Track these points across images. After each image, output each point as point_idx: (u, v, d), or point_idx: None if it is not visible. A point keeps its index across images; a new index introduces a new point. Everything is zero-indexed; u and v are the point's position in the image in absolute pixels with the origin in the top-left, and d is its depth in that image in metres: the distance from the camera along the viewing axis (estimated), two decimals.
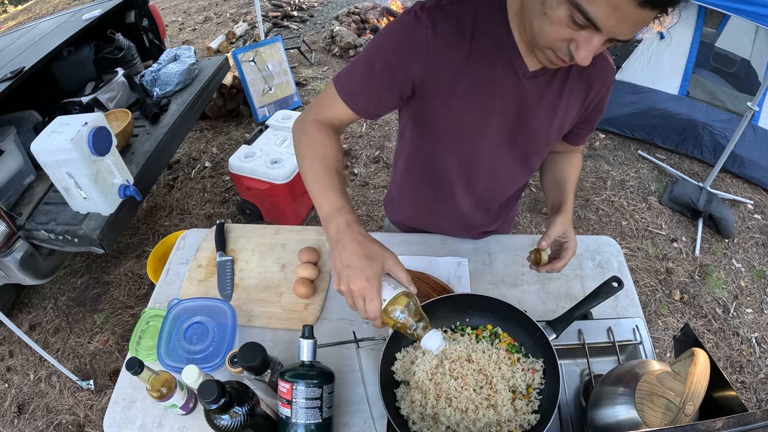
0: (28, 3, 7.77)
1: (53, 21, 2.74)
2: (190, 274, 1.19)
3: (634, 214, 2.87)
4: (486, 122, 0.91)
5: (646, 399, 0.71)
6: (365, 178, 3.14)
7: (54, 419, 2.06)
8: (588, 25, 0.64)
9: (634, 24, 0.62)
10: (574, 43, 0.67)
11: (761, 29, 2.99)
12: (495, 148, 0.97)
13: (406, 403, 0.85)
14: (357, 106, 0.90)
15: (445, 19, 0.81)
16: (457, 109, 0.89)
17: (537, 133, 0.95)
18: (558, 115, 0.92)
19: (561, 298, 1.11)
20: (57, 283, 2.61)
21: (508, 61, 0.83)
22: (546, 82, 0.87)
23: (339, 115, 0.92)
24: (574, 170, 1.10)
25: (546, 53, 0.74)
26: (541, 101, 0.89)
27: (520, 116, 0.91)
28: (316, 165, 0.85)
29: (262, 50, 3.50)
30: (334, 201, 0.79)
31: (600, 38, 0.65)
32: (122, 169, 2.04)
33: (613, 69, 0.93)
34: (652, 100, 3.17)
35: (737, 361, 2.18)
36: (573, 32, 0.66)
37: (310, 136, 0.90)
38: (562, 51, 0.71)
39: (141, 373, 0.80)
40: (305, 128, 0.91)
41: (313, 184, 0.83)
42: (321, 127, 0.90)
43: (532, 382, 0.87)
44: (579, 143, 1.09)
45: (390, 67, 0.84)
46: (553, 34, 0.68)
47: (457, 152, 0.99)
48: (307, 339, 0.80)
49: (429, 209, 1.19)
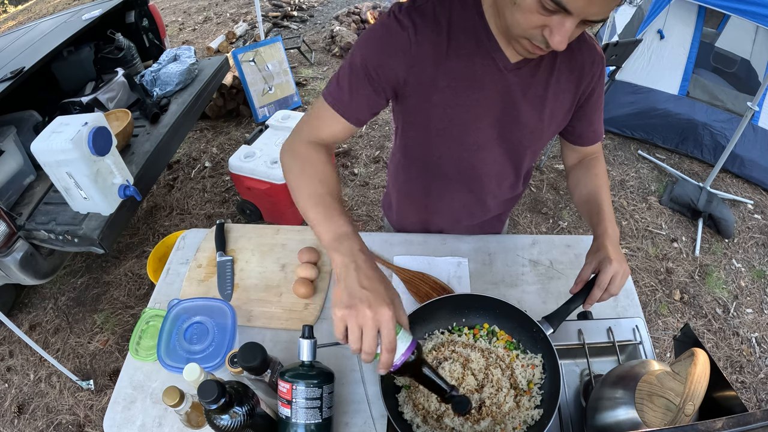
0: (28, 3, 7.77)
1: (53, 21, 2.74)
2: (190, 274, 1.19)
3: (634, 214, 2.87)
4: (473, 117, 0.91)
5: (646, 399, 0.71)
6: (365, 178, 3.14)
7: (54, 419, 2.06)
8: (558, 9, 0.63)
9: (604, 3, 0.62)
10: (548, 29, 0.67)
11: (761, 29, 3.00)
12: (485, 144, 0.97)
13: (408, 408, 0.85)
14: (349, 114, 0.88)
15: (423, 17, 0.81)
16: (442, 105, 0.89)
17: (527, 127, 0.94)
18: (547, 107, 0.92)
19: (561, 298, 1.10)
20: (57, 283, 2.61)
21: (488, 54, 0.83)
22: (530, 73, 0.87)
23: (332, 130, 0.89)
24: (600, 182, 1.01)
25: (522, 43, 0.74)
26: (527, 93, 0.89)
27: (507, 110, 0.90)
28: (318, 186, 0.80)
29: (262, 50, 3.50)
30: (342, 226, 0.73)
31: (572, 21, 0.65)
32: (122, 169, 2.04)
33: (602, 58, 0.92)
34: (652, 100, 3.17)
35: (737, 361, 2.18)
36: (545, 18, 0.66)
37: (305, 156, 0.85)
38: (536, 39, 0.71)
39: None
40: (297, 150, 0.87)
41: (314, 205, 0.77)
42: (316, 147, 0.87)
43: (533, 378, 0.87)
44: (586, 143, 1.05)
45: (375, 70, 0.84)
46: (525, 22, 0.68)
47: (447, 149, 0.99)
48: (307, 339, 0.80)
49: (423, 206, 1.19)
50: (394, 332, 0.64)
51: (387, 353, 0.64)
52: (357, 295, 0.64)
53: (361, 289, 0.65)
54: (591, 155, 1.08)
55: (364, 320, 0.63)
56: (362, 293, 0.65)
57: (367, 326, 0.63)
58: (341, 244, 0.71)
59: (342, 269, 0.68)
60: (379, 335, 0.64)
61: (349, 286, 0.66)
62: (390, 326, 0.63)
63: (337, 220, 0.74)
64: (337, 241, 0.72)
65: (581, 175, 1.06)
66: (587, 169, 1.06)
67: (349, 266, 0.68)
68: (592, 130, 1.02)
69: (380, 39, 0.84)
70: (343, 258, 0.69)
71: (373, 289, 0.65)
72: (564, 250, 1.21)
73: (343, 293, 0.66)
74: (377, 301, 0.64)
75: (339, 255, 0.70)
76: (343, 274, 0.68)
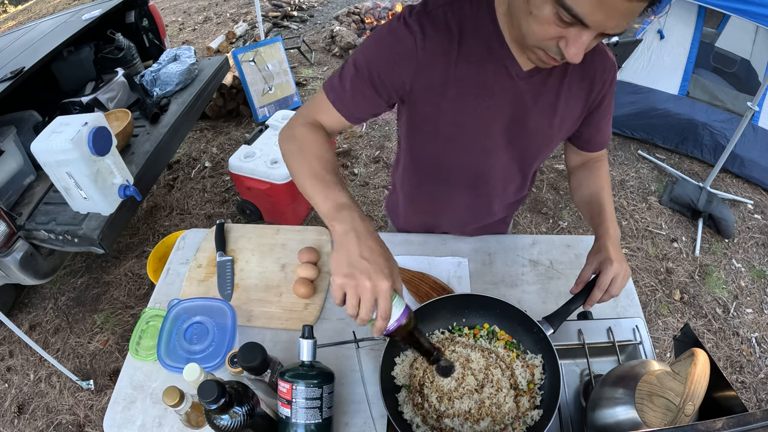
0: (28, 3, 7.76)
1: (53, 21, 2.74)
2: (190, 274, 1.19)
3: (634, 214, 2.87)
4: (482, 124, 0.90)
5: (646, 399, 0.71)
6: (365, 178, 3.14)
7: (54, 419, 2.06)
8: (575, 22, 0.62)
9: (622, 17, 0.60)
10: (564, 40, 0.66)
11: (761, 29, 3.00)
12: (494, 150, 0.96)
13: (408, 408, 0.85)
14: (346, 111, 0.88)
15: (433, 23, 0.80)
16: (451, 112, 0.88)
17: (537, 135, 0.93)
18: (557, 114, 0.91)
19: (561, 298, 1.10)
20: (57, 283, 2.61)
21: (500, 61, 0.83)
22: (541, 81, 0.86)
23: (329, 120, 0.90)
24: (602, 183, 1.01)
25: (536, 53, 0.73)
26: (538, 101, 0.88)
27: (517, 117, 0.89)
28: (314, 162, 0.80)
29: (262, 50, 3.50)
30: (339, 197, 0.73)
31: (589, 34, 0.64)
32: (122, 169, 2.04)
33: (614, 64, 0.91)
34: (652, 100, 3.17)
35: (737, 361, 2.18)
36: (561, 30, 0.65)
37: (302, 136, 0.86)
38: (552, 50, 0.69)
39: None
40: (294, 133, 0.87)
41: (311, 181, 0.77)
42: (313, 128, 0.87)
43: (533, 378, 0.87)
44: (593, 149, 1.04)
45: (378, 73, 0.83)
46: (541, 33, 0.67)
47: (455, 155, 0.98)
48: (307, 339, 0.80)
49: (429, 210, 1.19)
50: (391, 303, 0.66)
51: (382, 321, 0.67)
52: (357, 266, 0.65)
53: (362, 260, 0.66)
54: (595, 158, 1.08)
55: (362, 291, 0.65)
56: (363, 264, 0.65)
57: (365, 297, 0.65)
58: (340, 213, 0.71)
59: (342, 237, 0.68)
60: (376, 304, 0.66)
61: (350, 255, 0.66)
62: (387, 297, 0.65)
63: (335, 191, 0.74)
64: (336, 210, 0.72)
65: (584, 177, 1.06)
66: (590, 170, 1.05)
67: (349, 234, 0.68)
68: (600, 135, 1.02)
69: (387, 44, 0.83)
70: (343, 226, 0.69)
71: (373, 261, 0.66)
72: (564, 250, 1.21)
73: (344, 262, 0.66)
74: (377, 273, 0.65)
75: (338, 223, 0.70)
76: (343, 242, 0.68)
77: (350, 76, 0.86)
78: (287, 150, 0.86)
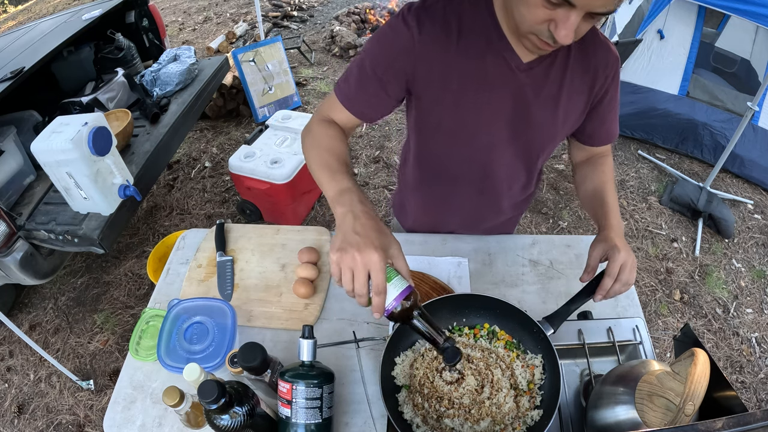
0: (28, 3, 7.76)
1: (53, 21, 2.74)
2: (190, 274, 1.19)
3: (634, 214, 2.87)
4: (484, 117, 0.91)
5: (646, 399, 0.71)
6: (365, 178, 3.14)
7: (54, 419, 2.06)
8: (562, 2, 0.64)
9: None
10: (553, 23, 0.68)
11: (761, 29, 2.99)
12: (497, 145, 0.96)
13: (408, 408, 0.85)
14: (356, 110, 0.92)
15: (431, 17, 0.82)
16: (452, 106, 0.89)
17: (541, 128, 0.94)
18: (560, 107, 0.91)
19: (561, 298, 1.10)
20: (57, 283, 2.61)
21: (499, 53, 0.84)
22: (543, 73, 0.86)
23: (342, 118, 0.94)
24: (606, 177, 1.01)
25: (530, 39, 0.75)
26: (540, 94, 0.88)
27: (519, 110, 0.90)
28: (324, 153, 0.85)
29: (262, 50, 3.50)
30: (343, 182, 0.78)
31: (577, 14, 0.65)
32: (122, 169, 2.04)
33: (617, 59, 0.91)
34: (652, 100, 3.17)
35: (737, 361, 2.18)
36: (550, 12, 0.67)
37: (316, 132, 0.91)
38: (543, 34, 0.71)
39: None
40: (311, 129, 0.93)
41: (321, 170, 0.82)
42: (326, 124, 0.93)
43: (533, 378, 0.87)
44: (597, 144, 1.04)
45: (380, 69, 0.86)
46: (530, 17, 0.69)
47: (459, 150, 0.99)
48: (307, 339, 0.80)
49: (436, 209, 1.19)
50: (383, 276, 0.66)
51: (376, 296, 0.67)
52: (348, 240, 0.68)
53: (354, 234, 0.68)
54: (600, 153, 1.08)
55: (353, 263, 0.67)
56: (354, 238, 0.68)
57: (357, 269, 0.66)
58: (342, 197, 0.75)
59: (341, 218, 0.72)
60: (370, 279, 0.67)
61: (344, 231, 0.70)
62: (377, 269, 0.66)
63: (340, 178, 0.78)
64: (339, 194, 0.76)
65: (588, 172, 1.06)
66: (594, 165, 1.05)
67: (347, 215, 0.72)
68: (605, 130, 1.01)
69: (387, 41, 0.86)
70: (343, 208, 0.73)
71: (364, 235, 0.68)
72: (564, 250, 1.21)
73: (338, 238, 0.70)
74: (366, 245, 0.66)
75: (339, 206, 0.74)
76: (341, 223, 0.72)
77: (355, 75, 0.89)
78: (304, 145, 0.91)
